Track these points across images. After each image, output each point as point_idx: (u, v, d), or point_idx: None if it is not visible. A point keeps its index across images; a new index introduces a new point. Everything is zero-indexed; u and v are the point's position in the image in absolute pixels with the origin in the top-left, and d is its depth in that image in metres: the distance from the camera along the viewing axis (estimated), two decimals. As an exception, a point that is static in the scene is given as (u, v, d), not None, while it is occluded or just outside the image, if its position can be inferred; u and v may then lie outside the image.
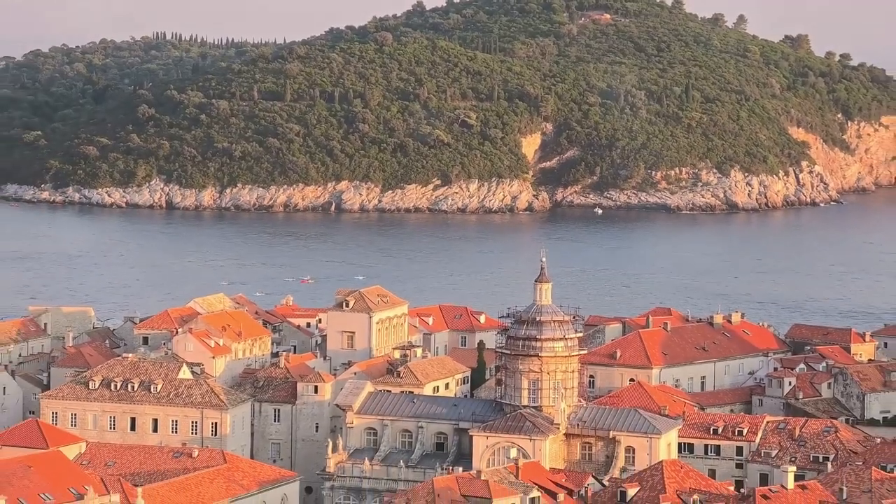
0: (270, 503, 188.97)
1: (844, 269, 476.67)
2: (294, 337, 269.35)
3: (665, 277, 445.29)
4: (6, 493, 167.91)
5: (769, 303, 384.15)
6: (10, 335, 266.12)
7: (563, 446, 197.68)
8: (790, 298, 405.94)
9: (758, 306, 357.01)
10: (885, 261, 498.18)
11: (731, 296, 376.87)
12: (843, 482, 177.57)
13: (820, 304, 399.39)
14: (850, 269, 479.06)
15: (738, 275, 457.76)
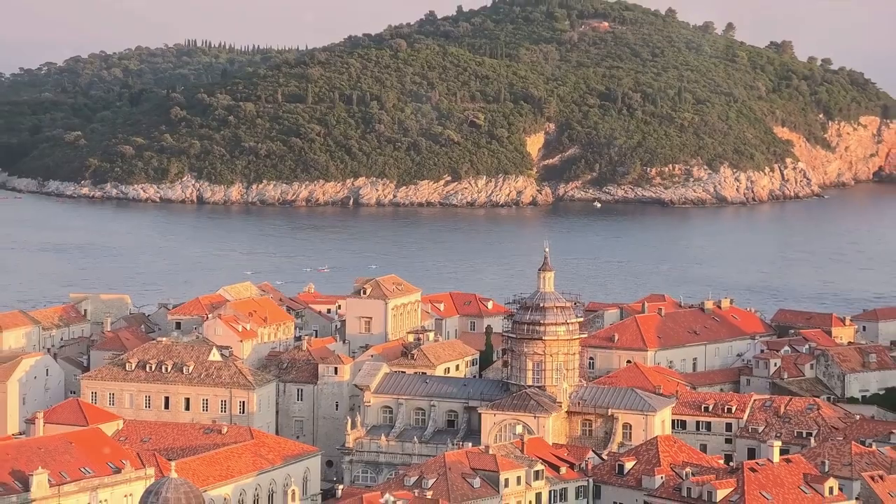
0: (294, 476, 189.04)
1: (826, 258, 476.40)
2: (315, 322, 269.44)
3: (659, 266, 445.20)
4: (49, 466, 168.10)
5: (756, 290, 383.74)
6: (53, 321, 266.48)
7: (565, 423, 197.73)
8: (775, 285, 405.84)
9: (746, 293, 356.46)
10: (863, 251, 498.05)
11: (721, 283, 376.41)
12: (825, 456, 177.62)
13: (803, 290, 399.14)
14: (831, 258, 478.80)
15: (728, 264, 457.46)
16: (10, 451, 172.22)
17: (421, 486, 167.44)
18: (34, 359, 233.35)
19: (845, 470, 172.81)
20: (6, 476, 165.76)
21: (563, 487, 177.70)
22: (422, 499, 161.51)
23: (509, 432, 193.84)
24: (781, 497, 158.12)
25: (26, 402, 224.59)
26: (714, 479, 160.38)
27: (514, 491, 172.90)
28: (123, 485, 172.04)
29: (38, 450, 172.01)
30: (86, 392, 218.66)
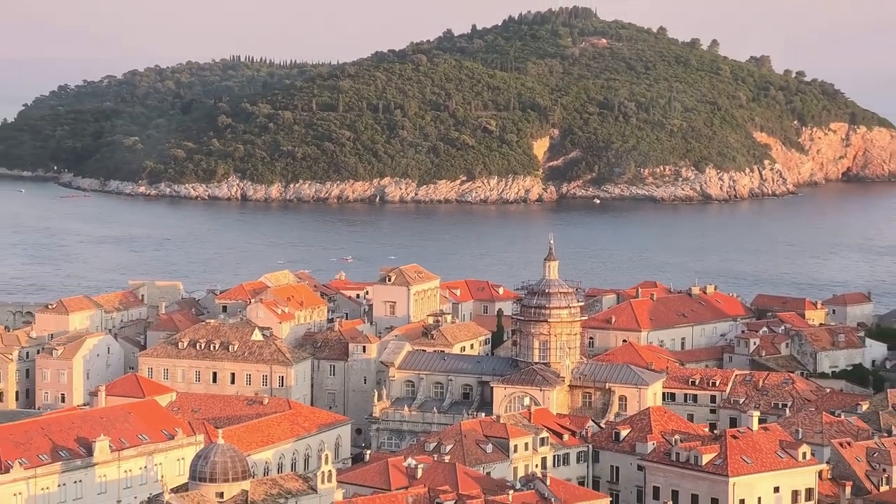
0: (327, 442, 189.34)
1: (799, 249, 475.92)
2: (346, 306, 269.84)
3: (652, 256, 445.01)
4: (110, 434, 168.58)
5: (737, 277, 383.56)
6: (114, 304, 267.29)
7: (567, 395, 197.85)
8: (755, 273, 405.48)
9: (728, 280, 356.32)
10: (832, 242, 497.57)
11: (706, 271, 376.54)
12: (799, 425, 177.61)
13: (779, 277, 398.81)
14: (804, 248, 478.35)
15: (712, 254, 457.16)
16: (75, 420, 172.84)
17: (440, 452, 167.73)
18: (97, 338, 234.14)
19: (817, 437, 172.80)
20: (72, 443, 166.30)
21: (565, 453, 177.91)
22: (440, 462, 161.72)
23: (518, 404, 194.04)
24: (760, 461, 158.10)
25: (90, 376, 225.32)
26: (700, 445, 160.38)
27: (522, 456, 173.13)
28: (176, 450, 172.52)
29: (100, 419, 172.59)
30: (143, 368, 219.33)
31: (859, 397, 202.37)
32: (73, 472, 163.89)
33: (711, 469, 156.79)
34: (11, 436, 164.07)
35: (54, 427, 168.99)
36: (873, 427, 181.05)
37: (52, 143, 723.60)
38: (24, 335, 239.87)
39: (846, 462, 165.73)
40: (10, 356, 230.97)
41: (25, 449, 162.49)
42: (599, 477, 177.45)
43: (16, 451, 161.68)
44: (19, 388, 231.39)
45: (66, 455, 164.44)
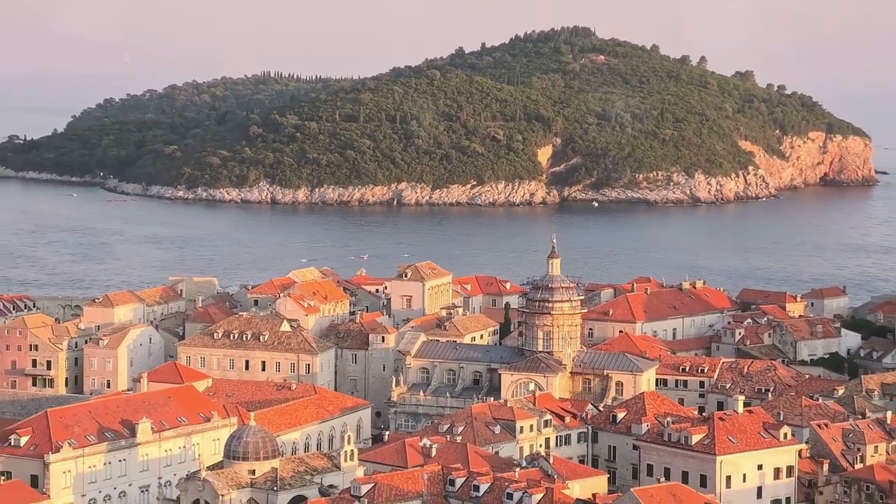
0: (349, 424, 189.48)
1: (781, 247, 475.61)
2: (366, 300, 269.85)
3: (646, 254, 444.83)
4: (152, 416, 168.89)
5: (724, 273, 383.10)
6: (155, 298, 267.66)
7: (568, 381, 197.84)
8: (740, 269, 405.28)
9: (715, 275, 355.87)
10: (811, 241, 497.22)
11: (695, 267, 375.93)
12: (780, 408, 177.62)
13: (762, 273, 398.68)
14: (785, 247, 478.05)
15: (701, 251, 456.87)
16: (120, 404, 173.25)
17: (452, 433, 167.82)
18: (140, 329, 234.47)
19: (797, 419, 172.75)
20: (117, 425, 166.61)
21: (567, 433, 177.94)
22: (453, 442, 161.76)
23: (524, 389, 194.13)
24: (745, 441, 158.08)
25: (133, 364, 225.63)
26: (690, 427, 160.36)
27: (527, 436, 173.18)
28: (212, 431, 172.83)
29: (142, 403, 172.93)
30: (181, 356, 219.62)
31: (835, 383, 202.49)
32: (117, 451, 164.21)
33: (700, 448, 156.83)
34: (62, 418, 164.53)
35: (101, 410, 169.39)
36: (848, 410, 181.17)
37: (99, 151, 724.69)
38: (73, 327, 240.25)
39: (823, 442, 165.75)
40: (61, 346, 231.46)
41: (74, 430, 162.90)
42: (598, 456, 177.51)
43: (65, 432, 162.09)
44: (69, 375, 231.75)
45: (112, 436, 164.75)
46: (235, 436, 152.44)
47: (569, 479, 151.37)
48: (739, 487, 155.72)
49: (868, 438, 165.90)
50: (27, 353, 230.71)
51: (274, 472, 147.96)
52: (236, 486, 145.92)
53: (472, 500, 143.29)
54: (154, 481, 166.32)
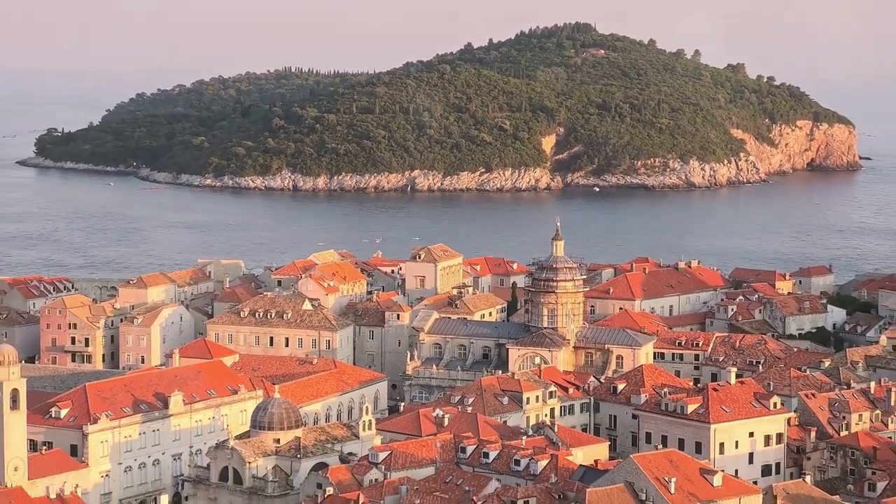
0: (367, 396, 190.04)
1: (770, 229, 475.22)
2: (382, 280, 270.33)
3: (644, 235, 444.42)
4: (183, 390, 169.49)
5: (717, 253, 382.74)
6: (185, 280, 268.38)
7: (572, 355, 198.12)
8: (732, 249, 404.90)
9: (709, 255, 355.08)
10: (798, 222, 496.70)
11: (691, 248, 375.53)
12: (770, 379, 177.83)
13: (753, 253, 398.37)
14: (774, 228, 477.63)
15: (695, 233, 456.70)
16: (153, 378, 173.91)
17: (463, 403, 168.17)
18: (171, 309, 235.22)
19: (786, 389, 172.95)
20: (151, 397, 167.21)
21: (570, 404, 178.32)
22: (464, 413, 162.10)
23: (530, 362, 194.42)
24: (737, 410, 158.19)
25: (165, 341, 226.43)
26: (686, 397, 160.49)
27: (533, 407, 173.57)
28: (239, 403, 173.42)
29: (174, 377, 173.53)
30: (210, 334, 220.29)
31: (822, 355, 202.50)
32: (151, 422, 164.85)
33: (695, 417, 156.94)
34: (99, 392, 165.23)
35: (135, 384, 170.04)
36: (834, 381, 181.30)
37: (132, 142, 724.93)
38: (109, 307, 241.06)
39: (811, 411, 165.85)
40: (98, 324, 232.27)
41: (111, 403, 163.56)
42: (600, 424, 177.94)
43: (103, 404, 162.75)
44: (105, 351, 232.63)
45: (146, 408, 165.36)
46: (261, 407, 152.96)
47: (572, 446, 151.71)
48: (732, 453, 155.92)
49: (853, 407, 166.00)
50: (67, 331, 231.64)
51: (297, 440, 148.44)
52: (262, 454, 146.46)
53: (482, 467, 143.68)
54: (185, 450, 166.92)
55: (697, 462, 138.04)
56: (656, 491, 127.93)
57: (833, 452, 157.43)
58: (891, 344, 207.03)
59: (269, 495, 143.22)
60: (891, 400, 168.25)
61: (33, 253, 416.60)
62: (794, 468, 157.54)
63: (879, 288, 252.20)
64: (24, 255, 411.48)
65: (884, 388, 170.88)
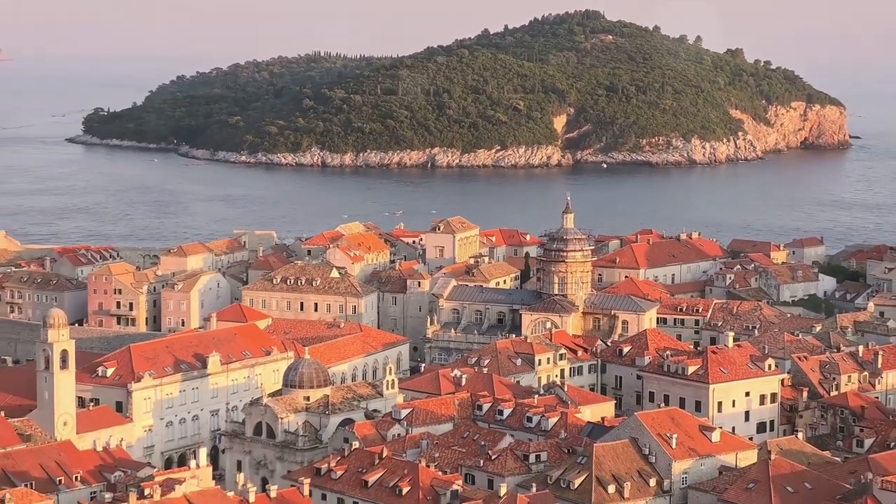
0: (390, 357, 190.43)
1: (766, 203, 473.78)
2: (404, 250, 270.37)
3: (648, 209, 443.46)
4: (220, 351, 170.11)
5: (717, 225, 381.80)
6: (222, 249, 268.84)
7: (580, 320, 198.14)
8: (730, 222, 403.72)
9: (709, 227, 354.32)
10: (792, 197, 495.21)
11: (692, 221, 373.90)
12: (765, 343, 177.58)
13: (750, 225, 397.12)
14: (770, 202, 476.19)
15: (696, 206, 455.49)
16: (192, 340, 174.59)
17: (479, 365, 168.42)
18: (209, 276, 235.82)
19: (780, 352, 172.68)
20: (190, 358, 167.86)
21: (579, 365, 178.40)
22: (480, 373, 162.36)
23: (541, 327, 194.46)
24: (734, 371, 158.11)
25: (204, 305, 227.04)
26: (686, 359, 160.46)
27: (545, 368, 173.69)
28: (272, 363, 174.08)
29: (212, 339, 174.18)
30: (245, 299, 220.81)
31: (814, 321, 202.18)
32: (191, 380, 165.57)
33: (695, 378, 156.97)
34: (142, 353, 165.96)
35: (176, 345, 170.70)
36: (825, 344, 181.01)
37: (173, 121, 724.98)
38: (151, 274, 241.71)
39: (803, 372, 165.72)
40: (141, 290, 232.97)
41: (153, 363, 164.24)
42: (606, 384, 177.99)
43: (146, 364, 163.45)
44: (148, 315, 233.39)
45: (186, 367, 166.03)
46: (292, 367, 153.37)
47: (581, 404, 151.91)
48: (729, 412, 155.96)
49: (842, 369, 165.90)
50: (112, 296, 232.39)
51: (325, 398, 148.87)
52: (293, 411, 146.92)
53: (496, 423, 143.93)
54: (222, 406, 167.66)
55: (697, 419, 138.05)
56: (659, 446, 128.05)
57: (823, 411, 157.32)
58: (878, 310, 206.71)
59: (299, 448, 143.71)
60: (878, 362, 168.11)
61: (81, 224, 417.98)
62: (787, 425, 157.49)
63: (867, 258, 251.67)
64: (73, 225, 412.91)
65: (871, 352, 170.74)
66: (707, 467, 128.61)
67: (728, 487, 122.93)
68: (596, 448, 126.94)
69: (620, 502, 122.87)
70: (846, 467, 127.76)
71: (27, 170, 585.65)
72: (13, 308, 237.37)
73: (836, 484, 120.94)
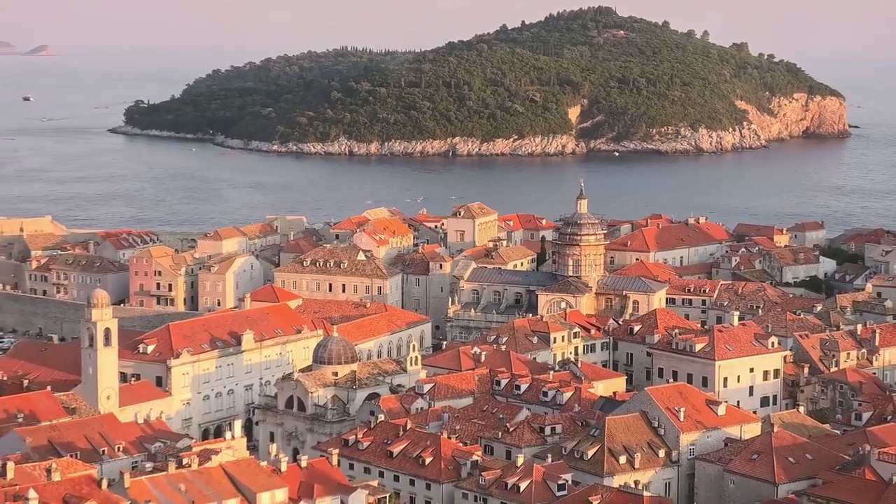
0: (414, 336, 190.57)
1: (770, 189, 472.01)
2: (427, 234, 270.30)
3: (657, 195, 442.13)
4: (254, 329, 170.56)
5: (723, 210, 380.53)
6: (255, 233, 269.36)
7: (594, 300, 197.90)
8: (736, 207, 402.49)
9: (716, 212, 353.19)
10: (794, 183, 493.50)
11: (699, 205, 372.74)
12: (769, 321, 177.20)
13: (754, 210, 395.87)
14: (773, 188, 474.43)
15: (703, 193, 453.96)
16: (227, 319, 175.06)
17: (498, 342, 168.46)
18: (243, 259, 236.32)
19: (782, 331, 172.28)
20: (226, 335, 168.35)
21: (592, 343, 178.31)
22: (498, 350, 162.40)
23: (556, 307, 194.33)
24: (739, 349, 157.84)
25: (238, 286, 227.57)
26: (694, 337, 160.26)
27: (560, 345, 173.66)
28: (302, 341, 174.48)
29: (246, 318, 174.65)
30: (277, 280, 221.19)
31: (815, 301, 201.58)
32: (226, 357, 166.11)
33: (702, 355, 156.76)
34: (181, 331, 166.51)
35: (212, 324, 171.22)
36: (825, 323, 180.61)
37: (209, 113, 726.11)
38: (189, 256, 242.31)
39: (804, 349, 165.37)
40: (179, 272, 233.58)
41: (191, 340, 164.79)
42: (618, 361, 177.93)
43: (184, 342, 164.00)
44: (186, 295, 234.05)
45: (222, 344, 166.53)
46: (321, 344, 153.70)
47: (594, 380, 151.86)
48: (734, 387, 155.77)
49: (841, 347, 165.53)
50: (152, 277, 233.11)
51: (353, 373, 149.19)
52: (322, 385, 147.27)
53: (514, 397, 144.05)
54: (256, 381, 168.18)
55: (704, 394, 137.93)
56: (667, 419, 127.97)
57: (824, 386, 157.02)
58: (875, 290, 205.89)
59: (328, 421, 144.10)
60: (875, 340, 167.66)
61: (123, 209, 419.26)
62: (789, 400, 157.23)
63: (865, 241, 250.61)
64: (115, 211, 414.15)
65: (869, 330, 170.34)
66: (713, 439, 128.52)
67: (733, 458, 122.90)
68: (608, 421, 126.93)
69: (631, 472, 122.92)
70: (845, 439, 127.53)
71: (72, 158, 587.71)
72: (59, 289, 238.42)
73: (835, 455, 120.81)
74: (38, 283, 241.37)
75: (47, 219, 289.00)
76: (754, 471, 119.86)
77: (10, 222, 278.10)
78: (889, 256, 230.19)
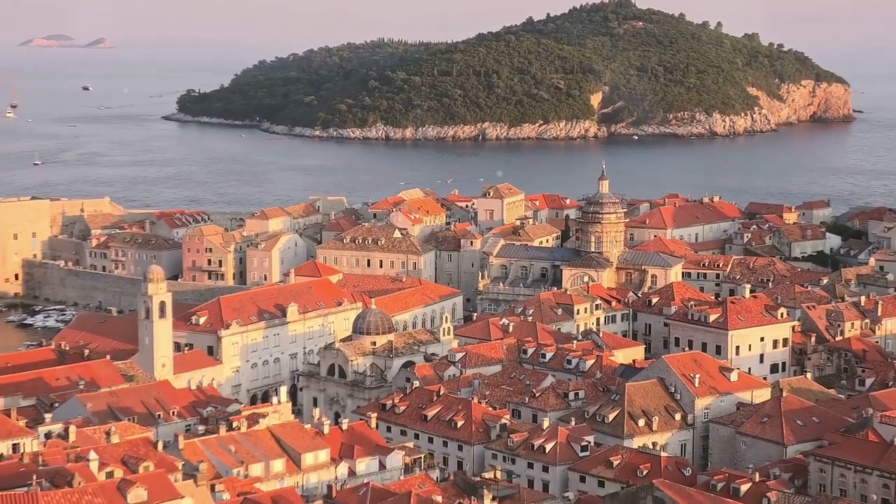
0: (446, 308, 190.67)
1: (779, 169, 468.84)
2: (458, 213, 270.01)
3: (674, 175, 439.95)
4: (298, 302, 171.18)
5: (735, 189, 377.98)
6: (299, 213, 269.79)
7: (614, 274, 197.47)
8: (748, 187, 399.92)
9: (729, 191, 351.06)
10: (802, 164, 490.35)
11: (713, 185, 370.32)
12: (778, 294, 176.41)
13: (765, 189, 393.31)
14: (783, 169, 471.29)
15: (717, 173, 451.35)
16: (273, 292, 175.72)
17: (525, 314, 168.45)
18: (288, 237, 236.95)
19: (791, 302, 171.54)
20: (272, 308, 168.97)
21: (613, 314, 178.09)
22: (525, 322, 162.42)
23: (580, 280, 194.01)
24: (750, 319, 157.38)
25: (283, 262, 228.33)
26: (708, 308, 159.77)
27: (583, 317, 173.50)
28: (342, 313, 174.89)
29: (291, 292, 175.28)
30: (319, 257, 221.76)
31: (821, 274, 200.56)
32: (272, 328, 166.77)
33: (716, 325, 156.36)
34: (230, 304, 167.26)
35: (260, 297, 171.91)
36: (831, 295, 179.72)
37: (255, 101, 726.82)
38: (238, 234, 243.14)
39: (811, 320, 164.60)
40: (229, 249, 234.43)
41: (240, 312, 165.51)
42: (637, 331, 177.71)
43: (233, 314, 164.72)
44: (235, 270, 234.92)
45: (268, 316, 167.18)
46: (360, 316, 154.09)
47: (614, 348, 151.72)
48: (746, 355, 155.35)
49: (846, 317, 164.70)
50: (204, 254, 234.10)
51: (389, 343, 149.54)
52: (361, 354, 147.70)
53: (540, 365, 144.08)
54: (300, 350, 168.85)
55: (717, 362, 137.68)
56: (683, 385, 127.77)
57: (829, 354, 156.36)
58: (878, 265, 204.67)
59: (367, 387, 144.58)
60: (878, 311, 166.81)
61: (176, 191, 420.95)
62: (797, 367, 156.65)
63: (869, 218, 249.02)
64: (170, 192, 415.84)
65: (872, 302, 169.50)
66: (726, 403, 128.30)
67: (745, 421, 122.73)
68: (628, 387, 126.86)
69: (649, 434, 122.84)
70: (849, 404, 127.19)
71: (129, 144, 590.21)
72: (118, 265, 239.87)
73: (840, 418, 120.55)
74: (97, 259, 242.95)
75: (106, 200, 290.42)
76: (765, 433, 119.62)
77: (71, 203, 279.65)
78: (891, 232, 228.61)
